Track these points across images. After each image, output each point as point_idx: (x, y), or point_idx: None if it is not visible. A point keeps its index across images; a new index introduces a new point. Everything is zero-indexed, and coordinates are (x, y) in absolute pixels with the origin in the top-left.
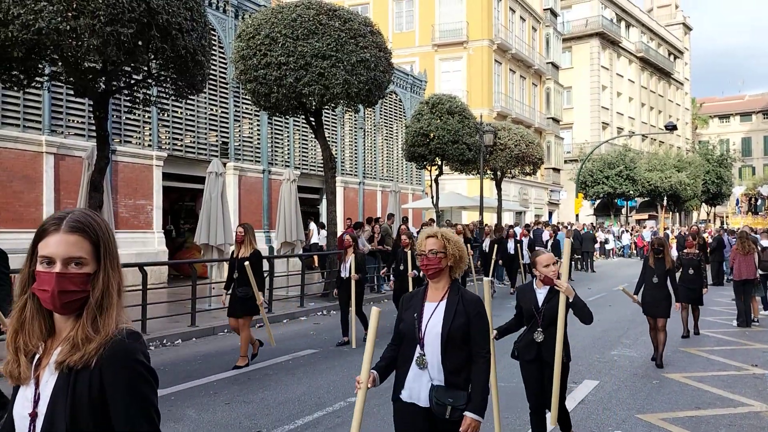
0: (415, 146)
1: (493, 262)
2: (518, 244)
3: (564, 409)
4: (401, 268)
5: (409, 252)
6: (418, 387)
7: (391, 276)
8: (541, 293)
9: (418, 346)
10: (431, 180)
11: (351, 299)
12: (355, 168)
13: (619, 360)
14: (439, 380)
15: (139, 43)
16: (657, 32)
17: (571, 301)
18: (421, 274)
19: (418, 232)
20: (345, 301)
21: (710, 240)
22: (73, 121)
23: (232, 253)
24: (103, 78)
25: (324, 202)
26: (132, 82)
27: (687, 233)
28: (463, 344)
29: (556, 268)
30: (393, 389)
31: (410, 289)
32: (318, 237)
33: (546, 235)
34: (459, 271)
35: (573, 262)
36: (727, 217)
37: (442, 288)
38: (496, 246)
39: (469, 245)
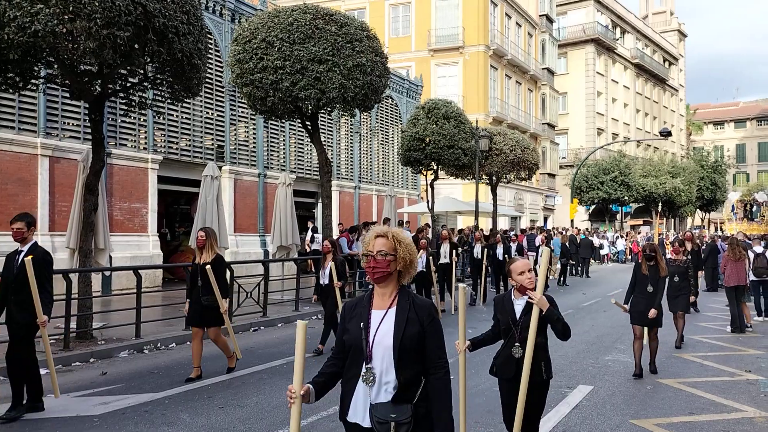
0: (410, 151)
1: (484, 268)
2: (507, 250)
3: None
4: None
5: None
6: (363, 405)
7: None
8: (519, 304)
9: (365, 359)
10: (427, 184)
11: (338, 305)
12: (351, 172)
13: (613, 365)
14: (384, 397)
15: (136, 46)
16: (652, 39)
17: (544, 313)
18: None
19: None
20: (331, 310)
21: (704, 246)
22: (69, 123)
23: (194, 258)
24: (99, 81)
25: (320, 206)
26: (128, 85)
27: (681, 237)
28: (417, 355)
29: (532, 276)
30: (340, 407)
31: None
32: (316, 243)
33: (538, 240)
34: (408, 277)
35: (569, 268)
36: (722, 223)
37: (390, 294)
38: (485, 251)
39: (455, 251)
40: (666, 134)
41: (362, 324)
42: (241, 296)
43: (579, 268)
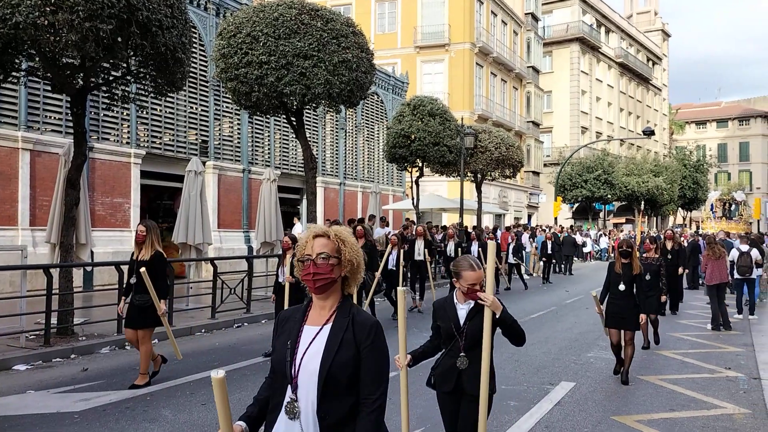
0: (396, 147)
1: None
2: (482, 248)
3: None
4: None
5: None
6: None
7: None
8: (462, 309)
9: (289, 386)
10: (412, 181)
11: (285, 304)
12: (336, 168)
13: (595, 362)
14: None
15: (119, 39)
16: (636, 38)
17: (498, 317)
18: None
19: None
20: (279, 309)
21: (686, 244)
22: (50, 117)
23: (132, 254)
24: (81, 74)
25: (304, 202)
26: (110, 78)
27: (655, 235)
28: (350, 387)
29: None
30: None
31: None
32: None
33: (525, 237)
34: (354, 284)
35: (551, 266)
36: (702, 221)
37: (329, 307)
38: (460, 250)
39: (427, 250)
40: (649, 133)
41: (289, 342)
42: (225, 292)
43: (563, 266)
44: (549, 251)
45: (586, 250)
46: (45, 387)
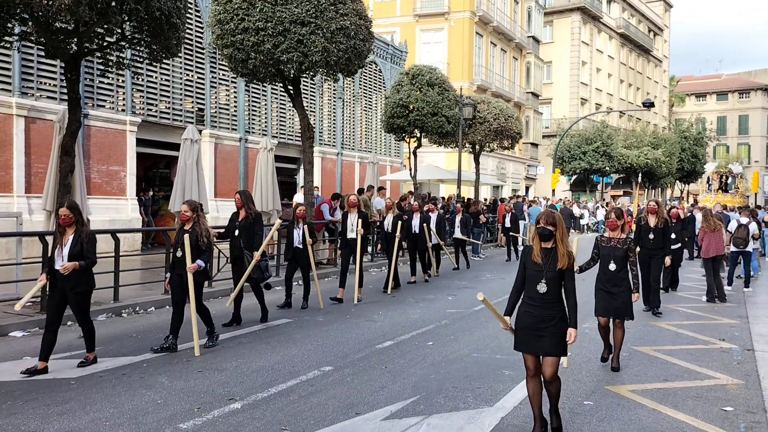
0: (394, 117)
1: (396, 242)
2: (426, 221)
3: None
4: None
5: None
6: None
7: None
8: None
9: None
10: (410, 152)
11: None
12: (334, 138)
13: (590, 332)
14: None
15: (112, 3)
16: (638, 8)
17: None
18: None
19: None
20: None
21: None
22: (45, 83)
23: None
24: (75, 39)
25: (301, 172)
26: (105, 44)
27: (620, 207)
28: None
29: None
30: None
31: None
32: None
33: (525, 207)
34: None
35: (512, 241)
36: (697, 194)
37: None
38: (399, 224)
39: (361, 221)
40: (649, 105)
41: None
42: (222, 261)
43: None
44: (508, 225)
45: (583, 222)
46: None
